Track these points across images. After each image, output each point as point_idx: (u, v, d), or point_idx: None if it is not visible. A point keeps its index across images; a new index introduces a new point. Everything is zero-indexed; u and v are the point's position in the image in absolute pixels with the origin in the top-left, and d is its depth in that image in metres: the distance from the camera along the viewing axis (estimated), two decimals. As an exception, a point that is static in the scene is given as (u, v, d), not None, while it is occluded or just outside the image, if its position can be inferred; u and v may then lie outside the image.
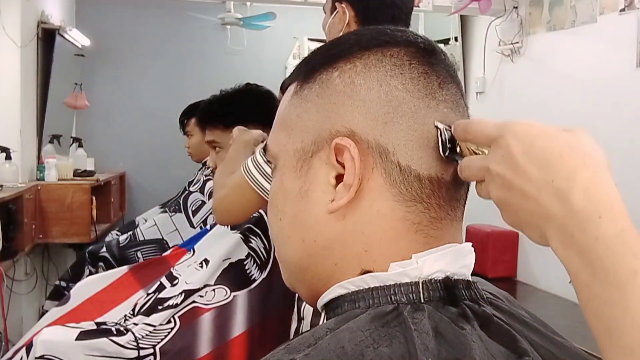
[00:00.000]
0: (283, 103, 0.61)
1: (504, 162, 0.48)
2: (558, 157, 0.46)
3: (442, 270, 0.54)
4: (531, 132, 0.48)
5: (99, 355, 1.49)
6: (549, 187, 0.46)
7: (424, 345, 0.48)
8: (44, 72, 3.37)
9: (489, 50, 4.00)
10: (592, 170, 0.46)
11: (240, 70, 4.43)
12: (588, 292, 0.44)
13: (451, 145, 0.54)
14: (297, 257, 0.59)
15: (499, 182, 0.49)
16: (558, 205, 0.45)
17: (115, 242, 2.67)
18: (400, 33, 0.58)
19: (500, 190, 0.49)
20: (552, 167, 0.46)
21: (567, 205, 0.45)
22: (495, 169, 0.49)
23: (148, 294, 1.69)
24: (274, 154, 0.61)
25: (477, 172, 0.52)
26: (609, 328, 0.43)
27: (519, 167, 0.47)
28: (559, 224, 0.46)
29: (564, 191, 0.45)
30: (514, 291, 3.53)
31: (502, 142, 0.49)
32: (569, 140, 0.47)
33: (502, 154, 0.49)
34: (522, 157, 0.47)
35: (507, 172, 0.48)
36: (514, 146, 0.48)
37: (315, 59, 0.59)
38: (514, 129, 0.49)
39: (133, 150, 4.62)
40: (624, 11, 3.02)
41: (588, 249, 0.44)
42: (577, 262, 0.45)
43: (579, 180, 0.45)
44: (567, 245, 0.45)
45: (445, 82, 0.57)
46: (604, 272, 0.43)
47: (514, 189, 0.48)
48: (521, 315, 0.60)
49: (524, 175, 0.47)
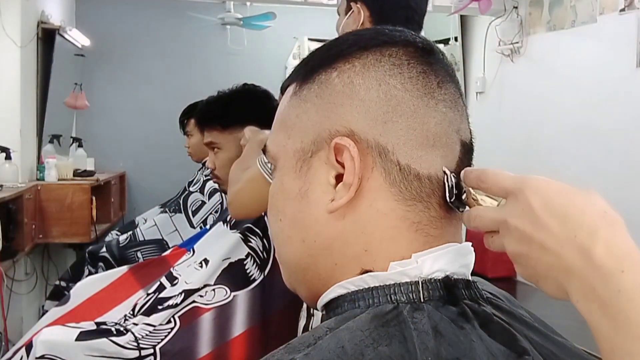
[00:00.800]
0: (282, 104, 0.61)
1: (524, 216, 0.49)
2: (579, 214, 0.47)
3: (441, 269, 0.54)
4: (551, 188, 0.49)
5: (99, 355, 1.49)
6: (571, 242, 0.47)
7: (423, 345, 0.48)
8: (44, 72, 3.37)
9: (489, 50, 4.00)
10: (612, 226, 0.47)
11: (240, 70, 4.43)
12: (610, 344, 0.45)
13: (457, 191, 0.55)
14: (297, 258, 0.59)
15: (517, 235, 0.50)
16: (580, 260, 0.46)
17: (115, 242, 2.67)
18: (399, 33, 0.59)
19: (518, 244, 0.50)
20: (574, 223, 0.47)
21: (590, 260, 0.46)
22: (514, 223, 0.50)
23: (148, 294, 1.69)
24: (273, 155, 0.61)
25: (489, 223, 0.52)
26: None
27: (540, 221, 0.48)
28: (580, 277, 0.46)
29: (587, 246, 0.46)
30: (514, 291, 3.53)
31: (521, 196, 0.49)
32: (587, 198, 0.48)
33: (522, 208, 0.49)
34: (543, 212, 0.48)
35: (527, 226, 0.49)
36: (534, 201, 0.49)
37: (314, 60, 0.60)
38: (533, 184, 0.49)
39: (133, 150, 4.62)
40: (624, 11, 3.02)
41: (610, 302, 0.44)
42: (599, 314, 0.45)
43: (601, 236, 0.46)
44: (589, 299, 0.46)
45: (443, 82, 0.57)
46: (626, 324, 0.44)
47: (534, 243, 0.49)
48: (521, 315, 0.60)
49: (545, 229, 0.48)
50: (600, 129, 3.13)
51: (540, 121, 3.55)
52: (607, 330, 0.45)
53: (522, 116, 3.72)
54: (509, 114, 3.84)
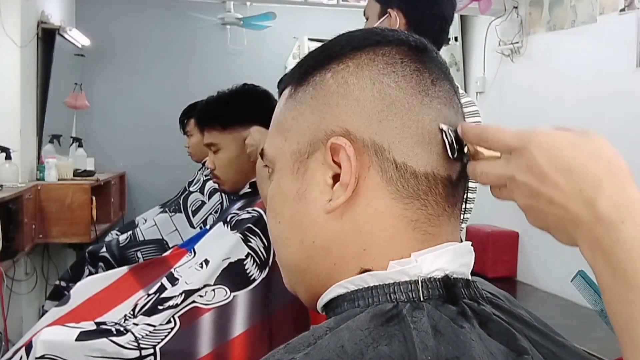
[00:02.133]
0: (278, 107, 0.62)
1: (529, 172, 0.51)
2: (583, 167, 0.49)
3: (441, 268, 0.54)
4: (554, 142, 0.50)
5: (99, 355, 1.49)
6: (577, 196, 0.49)
7: (423, 344, 0.48)
8: (44, 72, 3.37)
9: (489, 50, 4.00)
10: (616, 178, 0.48)
11: (240, 70, 4.44)
12: (610, 292, 0.47)
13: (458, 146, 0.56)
14: (296, 259, 0.59)
15: (525, 190, 0.51)
16: (585, 212, 0.48)
17: (115, 242, 2.67)
18: (392, 32, 0.59)
19: (527, 198, 0.52)
20: (579, 177, 0.49)
21: (594, 212, 0.48)
22: (521, 179, 0.51)
23: (149, 295, 1.69)
24: (270, 158, 0.61)
25: (496, 179, 0.54)
26: (627, 325, 0.45)
27: (546, 177, 0.50)
28: (586, 228, 0.49)
29: (591, 199, 0.48)
30: (514, 291, 3.53)
31: (525, 152, 0.51)
32: (591, 148, 0.50)
33: (527, 164, 0.51)
34: (548, 168, 0.50)
35: (533, 182, 0.50)
36: (538, 157, 0.50)
37: (308, 62, 0.60)
38: (536, 139, 0.51)
39: (133, 150, 4.62)
40: (624, 11, 3.02)
41: (610, 251, 0.47)
42: (601, 263, 0.48)
43: (605, 189, 0.48)
44: (593, 248, 0.48)
45: (438, 79, 0.57)
46: (624, 272, 0.46)
47: (542, 197, 0.50)
48: (521, 314, 0.60)
49: (551, 184, 0.50)
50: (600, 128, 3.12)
51: (540, 121, 3.55)
52: (607, 278, 0.47)
53: (522, 116, 3.73)
54: (509, 114, 3.84)
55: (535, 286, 3.55)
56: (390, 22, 1.43)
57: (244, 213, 1.65)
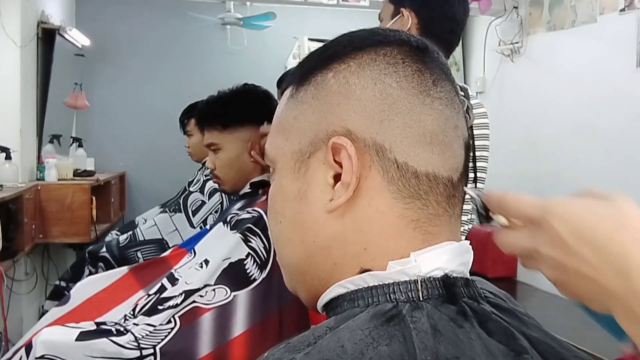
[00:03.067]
0: (279, 107, 0.62)
1: (553, 245, 0.49)
2: (608, 238, 0.47)
3: (440, 268, 0.54)
4: (576, 212, 0.49)
5: (99, 355, 1.49)
6: (606, 267, 0.47)
7: (423, 344, 0.48)
8: (44, 72, 3.37)
9: (489, 50, 4.00)
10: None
11: (240, 70, 4.44)
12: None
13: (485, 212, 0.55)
14: (297, 259, 0.59)
15: (552, 263, 0.50)
16: (618, 284, 0.46)
17: (115, 242, 2.67)
18: (393, 33, 0.59)
19: (554, 271, 0.50)
20: (605, 248, 0.47)
21: (627, 284, 0.46)
22: (546, 252, 0.50)
23: (149, 295, 1.69)
24: (272, 158, 0.61)
25: (522, 251, 0.52)
26: None
27: (571, 249, 0.48)
28: (621, 301, 0.46)
29: (622, 270, 0.46)
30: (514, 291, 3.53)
31: (547, 225, 0.49)
32: (613, 215, 0.48)
33: (550, 237, 0.49)
34: (572, 240, 0.48)
35: (559, 255, 0.49)
36: (561, 229, 0.48)
37: (310, 62, 0.60)
38: (557, 211, 0.49)
39: (133, 150, 4.62)
40: (624, 11, 3.03)
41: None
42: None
43: (634, 258, 0.46)
44: (632, 321, 0.46)
45: (439, 79, 0.57)
46: None
47: (570, 270, 0.49)
48: (520, 313, 0.60)
49: (577, 257, 0.48)
50: (600, 128, 3.13)
51: (540, 121, 3.55)
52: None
53: (522, 116, 3.73)
54: (509, 114, 3.84)
55: (535, 286, 3.54)
56: (402, 21, 1.45)
57: (244, 213, 1.65)
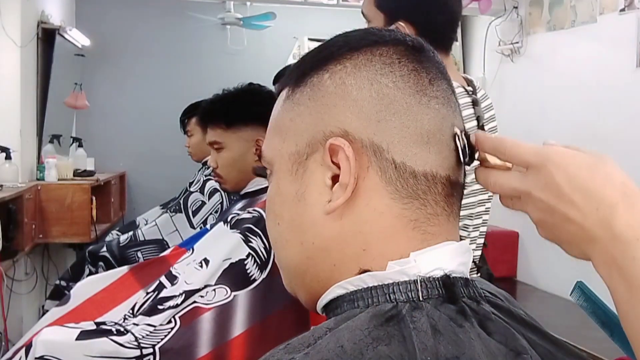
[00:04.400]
0: (276, 109, 0.62)
1: (547, 189, 0.53)
2: (600, 188, 0.51)
3: (440, 268, 0.54)
4: (573, 162, 0.53)
5: (99, 355, 1.49)
6: (593, 215, 0.51)
7: (422, 344, 0.48)
8: (44, 72, 3.37)
9: (489, 50, 4.00)
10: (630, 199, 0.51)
11: (240, 70, 4.43)
12: (626, 307, 0.50)
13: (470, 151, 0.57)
14: (296, 261, 0.59)
15: (541, 206, 0.54)
16: (601, 231, 0.51)
17: (116, 242, 2.67)
18: (389, 33, 0.59)
19: (542, 213, 0.54)
20: (596, 197, 0.51)
21: (610, 231, 0.50)
22: (538, 195, 0.53)
23: (147, 293, 1.69)
24: (269, 160, 0.61)
25: (510, 191, 0.56)
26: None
27: (564, 195, 0.52)
28: (602, 246, 0.51)
29: (607, 218, 0.50)
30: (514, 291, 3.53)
31: (544, 170, 0.53)
32: (606, 171, 0.52)
33: (545, 181, 0.53)
34: (567, 187, 0.52)
35: (551, 199, 0.53)
36: (557, 176, 0.52)
37: (305, 63, 0.60)
38: (555, 158, 0.53)
39: (133, 150, 4.62)
40: (624, 11, 3.03)
41: (627, 268, 0.49)
42: (617, 279, 0.50)
43: (620, 209, 0.50)
44: (609, 265, 0.51)
45: (435, 79, 0.57)
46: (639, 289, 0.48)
47: (557, 214, 0.53)
48: (519, 313, 0.60)
49: (569, 202, 0.52)
50: (600, 128, 3.13)
51: (540, 121, 3.55)
52: (623, 293, 0.49)
53: (522, 116, 3.73)
54: (509, 114, 3.84)
55: (535, 286, 3.55)
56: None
57: (245, 213, 1.66)
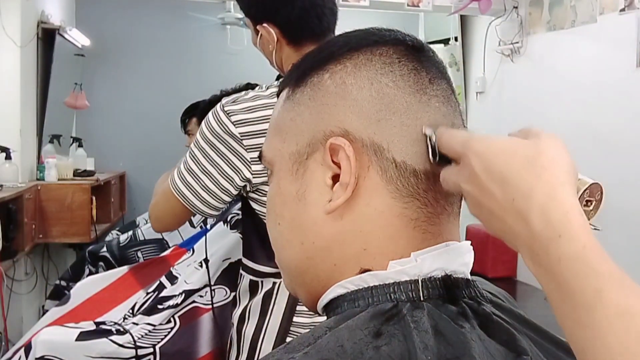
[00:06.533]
0: (276, 109, 0.62)
1: (470, 181, 0.49)
2: (516, 175, 0.46)
3: (441, 268, 0.54)
4: (490, 149, 0.49)
5: (99, 355, 1.49)
6: (510, 207, 0.46)
7: (423, 344, 0.48)
8: (44, 72, 3.37)
9: (489, 50, 4.00)
10: (548, 185, 0.45)
11: (240, 70, 4.43)
12: (560, 312, 0.44)
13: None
14: (296, 261, 0.59)
15: (470, 200, 0.51)
16: (521, 226, 0.46)
17: (116, 241, 2.67)
18: (389, 32, 0.59)
19: (473, 208, 0.51)
20: (512, 185, 0.46)
21: (528, 226, 0.45)
22: (465, 187, 0.50)
23: (147, 293, 1.69)
24: (269, 160, 0.61)
25: (453, 187, 0.52)
26: (584, 349, 0.42)
27: (483, 186, 0.48)
28: (525, 243, 0.46)
29: (524, 211, 0.45)
30: (514, 291, 3.53)
31: (466, 160, 0.50)
32: (527, 153, 0.47)
33: (468, 172, 0.49)
34: (484, 176, 0.48)
35: (474, 191, 0.49)
36: (476, 165, 0.49)
37: (305, 63, 0.60)
38: (474, 146, 0.49)
39: (133, 150, 4.62)
40: (624, 11, 3.03)
41: (553, 270, 0.44)
42: (546, 280, 0.45)
43: (536, 199, 0.45)
44: (536, 264, 0.46)
45: (435, 78, 0.57)
46: (570, 293, 0.43)
47: (484, 208, 0.49)
48: (520, 313, 0.60)
49: (488, 194, 0.48)
50: (600, 128, 3.13)
51: (540, 121, 3.55)
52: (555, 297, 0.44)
53: (522, 116, 3.73)
54: (509, 114, 3.84)
55: (535, 286, 3.54)
56: (266, 38, 1.33)
57: (244, 213, 1.65)
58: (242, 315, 1.34)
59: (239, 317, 1.35)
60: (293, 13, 1.30)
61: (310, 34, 1.31)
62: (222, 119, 1.25)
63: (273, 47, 1.33)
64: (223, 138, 1.25)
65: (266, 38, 1.33)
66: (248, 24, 1.40)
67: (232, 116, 1.24)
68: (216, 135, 1.25)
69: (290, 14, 1.30)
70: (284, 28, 1.32)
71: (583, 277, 0.42)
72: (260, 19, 1.33)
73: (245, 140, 1.23)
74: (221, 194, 1.27)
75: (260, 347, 1.30)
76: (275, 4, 1.31)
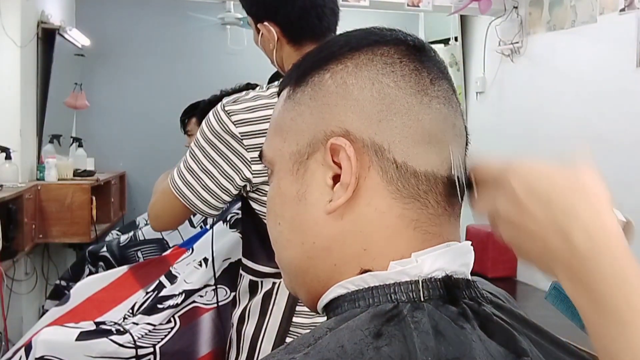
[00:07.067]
0: (276, 109, 0.62)
1: (509, 203, 0.50)
2: (560, 195, 0.48)
3: (441, 268, 0.54)
4: (533, 172, 0.50)
5: (99, 355, 1.50)
6: (552, 225, 0.47)
7: (423, 345, 0.48)
8: (44, 72, 3.37)
9: (489, 50, 4.00)
10: (592, 207, 0.47)
11: (240, 70, 4.42)
12: (595, 328, 0.46)
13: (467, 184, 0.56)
14: (297, 261, 0.59)
15: (507, 223, 0.51)
16: (562, 244, 0.47)
17: (116, 242, 2.68)
18: (389, 32, 0.59)
19: (509, 231, 0.51)
20: (555, 205, 0.48)
21: (570, 244, 0.46)
22: (502, 210, 0.51)
23: (147, 293, 1.69)
24: (269, 160, 0.61)
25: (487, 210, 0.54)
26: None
27: (524, 207, 0.49)
28: (564, 262, 0.47)
29: (566, 228, 0.47)
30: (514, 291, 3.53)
31: (506, 183, 0.51)
32: (570, 178, 0.49)
33: (508, 195, 0.50)
34: (526, 197, 0.49)
35: (512, 213, 0.50)
36: (517, 186, 0.50)
37: (306, 63, 0.60)
38: (516, 170, 0.51)
39: (133, 150, 4.62)
40: (624, 11, 3.02)
41: (592, 287, 0.45)
42: (583, 299, 0.46)
43: (579, 217, 0.46)
44: (574, 283, 0.47)
45: (436, 78, 0.57)
46: (607, 310, 0.44)
47: (522, 230, 0.50)
48: (520, 313, 0.60)
49: (528, 214, 0.49)
50: (600, 128, 3.13)
51: (540, 121, 3.55)
52: (591, 314, 0.45)
53: (522, 116, 3.72)
54: (509, 114, 3.84)
55: (535, 286, 3.54)
56: (266, 36, 1.34)
57: (244, 213, 1.65)
58: (241, 316, 1.34)
59: (239, 317, 1.35)
60: (293, 12, 1.31)
61: (311, 33, 1.31)
62: (222, 118, 1.25)
63: (273, 45, 1.33)
64: (223, 137, 1.25)
65: (267, 37, 1.34)
66: (250, 22, 1.41)
67: (232, 116, 1.24)
68: (217, 135, 1.25)
69: (290, 14, 1.31)
70: (284, 27, 1.32)
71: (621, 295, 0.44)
72: (261, 18, 1.34)
73: (245, 140, 1.23)
74: (221, 194, 1.27)
75: (260, 347, 1.30)
76: (275, 3, 1.32)
